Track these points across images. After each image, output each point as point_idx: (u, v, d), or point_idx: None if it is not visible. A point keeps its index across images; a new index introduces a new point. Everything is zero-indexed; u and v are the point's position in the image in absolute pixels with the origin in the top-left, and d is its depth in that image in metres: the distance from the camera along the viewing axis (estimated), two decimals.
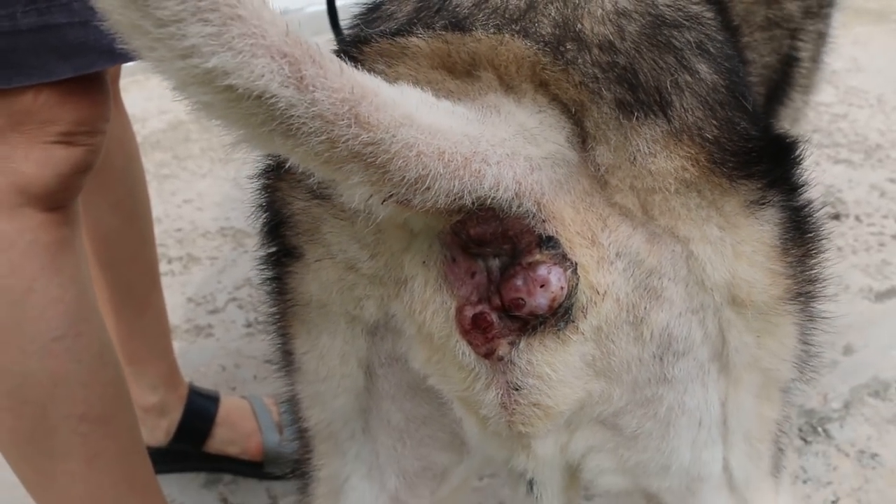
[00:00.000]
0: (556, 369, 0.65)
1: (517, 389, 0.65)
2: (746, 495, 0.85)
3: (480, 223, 0.60)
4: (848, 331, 1.97)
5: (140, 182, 1.53)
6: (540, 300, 0.61)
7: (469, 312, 0.62)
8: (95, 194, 1.36)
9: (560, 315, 0.63)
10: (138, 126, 1.44)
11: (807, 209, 0.74)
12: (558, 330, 0.64)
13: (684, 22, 0.72)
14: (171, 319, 1.66)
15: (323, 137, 0.51)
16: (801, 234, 0.73)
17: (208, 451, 1.66)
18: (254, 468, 1.67)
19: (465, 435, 0.78)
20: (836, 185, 2.54)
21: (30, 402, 1.06)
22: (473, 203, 0.58)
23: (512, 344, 0.63)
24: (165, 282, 1.61)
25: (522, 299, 0.61)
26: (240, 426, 1.67)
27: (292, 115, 0.50)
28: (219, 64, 0.47)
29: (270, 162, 0.74)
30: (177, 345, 1.67)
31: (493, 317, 0.62)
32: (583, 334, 0.65)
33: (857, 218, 2.40)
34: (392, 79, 0.65)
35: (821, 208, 2.14)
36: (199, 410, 1.65)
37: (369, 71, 0.64)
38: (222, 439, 1.65)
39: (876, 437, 1.73)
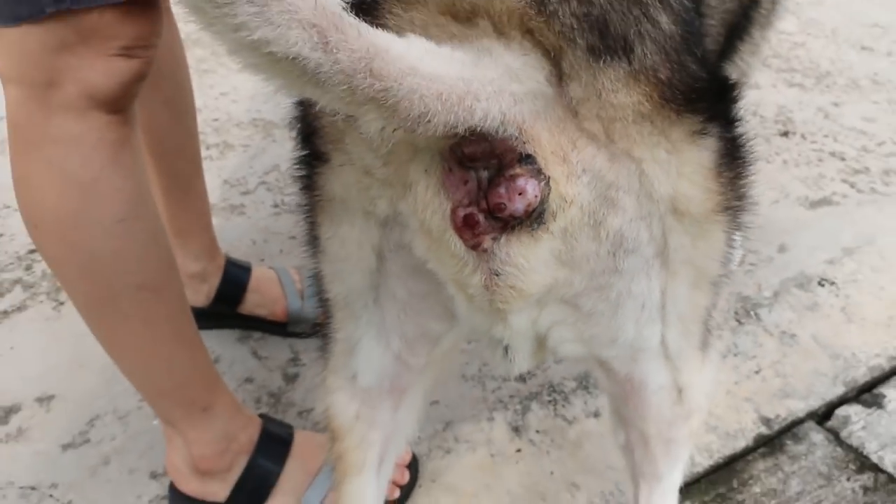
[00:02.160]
0: (528, 260, 0.69)
1: (497, 275, 0.69)
2: (678, 364, 0.90)
3: (472, 143, 0.64)
4: (783, 233, 2.00)
5: (186, 83, 1.53)
6: (518, 205, 0.65)
7: (461, 213, 0.66)
8: (149, 94, 1.36)
9: (534, 218, 0.66)
10: (181, 24, 1.43)
11: (740, 140, 0.76)
12: (532, 230, 0.67)
13: None
14: (209, 199, 1.69)
15: (345, 87, 0.55)
16: (733, 160, 0.75)
17: (241, 313, 1.71)
18: (279, 327, 1.72)
19: (455, 308, 0.82)
20: (787, 105, 2.51)
21: (97, 274, 1.10)
22: (466, 130, 0.62)
23: (494, 239, 0.67)
24: (204, 166, 1.63)
25: (504, 204, 0.65)
26: (268, 292, 1.72)
27: (320, 72, 0.54)
28: (262, 35, 0.51)
29: None
30: (214, 221, 1.70)
31: (480, 217, 0.66)
32: (552, 233, 0.69)
33: (803, 136, 2.38)
34: (407, 21, 0.67)
35: (773, 129, 2.17)
36: (234, 278, 1.69)
37: (388, 13, 0.67)
38: (253, 303, 1.71)
39: (796, 321, 1.80)
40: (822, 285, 1.89)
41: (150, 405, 1.35)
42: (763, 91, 2.53)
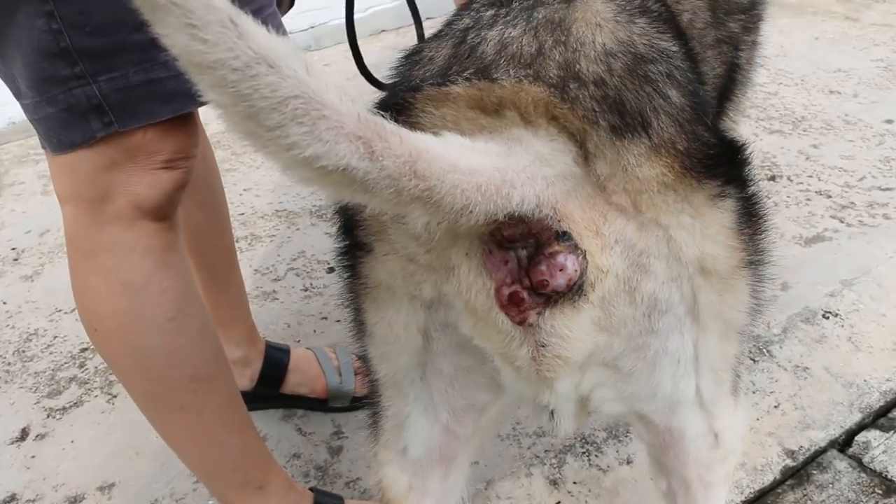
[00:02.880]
0: (572, 330, 0.69)
1: (544, 346, 0.69)
2: (712, 410, 0.89)
3: (511, 226, 0.64)
4: (784, 271, 1.98)
5: (218, 184, 1.55)
6: (560, 281, 0.65)
7: (506, 291, 0.66)
8: (184, 196, 1.37)
9: (575, 290, 0.66)
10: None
11: (755, 198, 0.77)
12: (574, 301, 0.67)
13: (657, 56, 0.75)
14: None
15: (392, 190, 0.56)
16: (751, 217, 0.76)
17: (284, 392, 1.69)
18: (321, 404, 1.71)
19: (501, 379, 0.81)
20: (770, 151, 2.52)
21: (152, 369, 1.11)
22: (505, 216, 0.62)
23: (539, 314, 0.67)
24: None
25: (546, 281, 0.64)
26: (307, 371, 1.70)
27: (368, 179, 0.55)
28: (313, 152, 0.52)
29: None
30: (250, 308, 1.70)
31: (525, 294, 0.66)
32: (592, 303, 0.69)
33: (789, 178, 2.39)
34: (439, 117, 0.68)
35: (761, 175, 2.17)
36: (275, 361, 1.68)
37: (422, 112, 0.68)
38: (294, 382, 1.69)
39: (807, 354, 1.77)
40: (827, 318, 1.87)
41: (208, 487, 1.33)
42: (747, 140, 2.55)
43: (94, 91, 0.95)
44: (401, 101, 0.70)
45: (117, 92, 0.96)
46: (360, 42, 1.18)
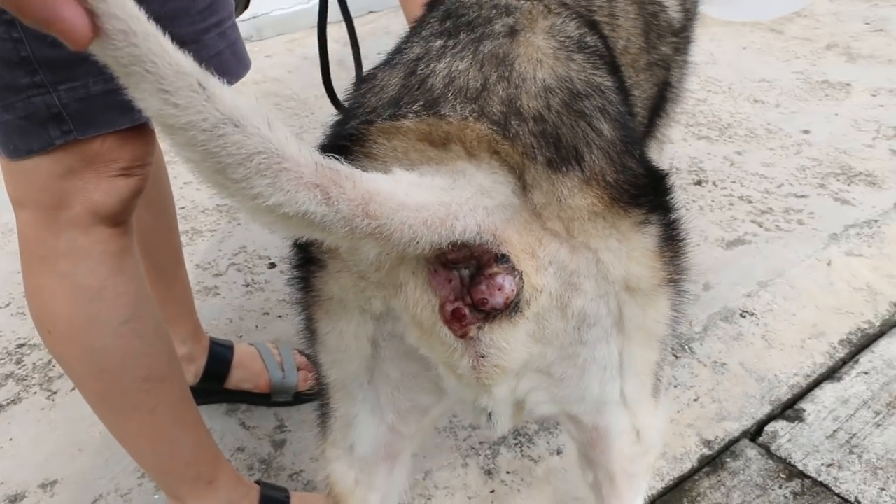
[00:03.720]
0: (509, 342, 0.74)
1: (483, 357, 0.74)
2: (635, 410, 0.96)
3: (455, 251, 0.70)
4: (706, 272, 2.08)
5: (166, 184, 1.56)
6: (498, 299, 0.70)
7: (449, 308, 0.71)
8: None
9: (512, 307, 0.72)
10: None
11: (676, 226, 0.83)
12: (511, 317, 0.73)
13: (592, 92, 0.80)
14: None
15: (346, 229, 0.62)
16: (672, 241, 0.83)
17: (227, 388, 1.72)
18: (264, 398, 1.74)
19: (444, 384, 0.86)
20: (698, 156, 2.62)
21: (107, 370, 1.13)
22: (448, 244, 0.68)
23: (479, 328, 0.73)
24: None
25: (486, 299, 0.70)
26: (251, 367, 1.73)
27: (325, 220, 0.60)
28: (275, 201, 0.58)
29: None
30: None
31: (466, 311, 0.71)
32: (527, 318, 0.74)
33: (714, 183, 2.49)
34: (390, 148, 0.73)
35: (688, 179, 2.26)
36: (219, 357, 1.71)
37: (374, 143, 0.73)
38: (238, 378, 1.72)
39: (725, 350, 1.87)
40: (744, 317, 1.98)
41: (158, 483, 1.35)
42: (676, 145, 2.65)
43: (54, 100, 0.96)
44: (355, 132, 0.75)
45: (77, 101, 0.97)
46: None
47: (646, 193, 0.78)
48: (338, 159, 0.62)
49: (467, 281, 0.72)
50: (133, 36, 0.51)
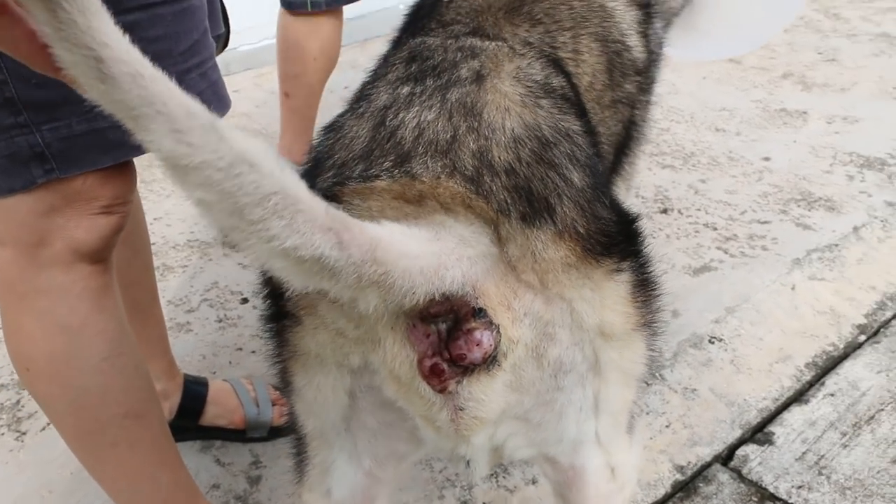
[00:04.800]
0: (487, 394, 0.74)
1: (462, 409, 0.74)
2: (609, 448, 0.95)
3: (437, 304, 0.69)
4: (674, 299, 2.08)
5: (142, 220, 1.54)
6: (476, 354, 0.70)
7: (427, 363, 0.71)
8: None
9: (490, 361, 0.72)
10: None
11: (648, 269, 0.84)
12: (488, 370, 0.72)
13: (561, 139, 0.80)
14: None
15: (355, 276, 0.61)
16: (644, 286, 0.83)
17: (202, 424, 1.69)
18: (239, 434, 1.71)
19: (421, 434, 0.85)
20: (663, 185, 2.64)
21: (86, 408, 1.10)
22: (437, 295, 0.67)
23: (458, 382, 0.72)
24: None
25: (465, 354, 0.70)
26: (225, 403, 1.70)
27: (337, 265, 0.60)
28: (292, 243, 0.56)
29: None
30: None
31: (445, 366, 0.71)
32: (504, 370, 0.74)
33: (679, 211, 2.51)
34: (365, 209, 0.73)
35: (654, 207, 2.27)
36: (194, 393, 1.68)
37: (349, 204, 0.72)
38: (213, 414, 1.69)
39: (695, 376, 1.88)
40: (713, 342, 1.99)
41: None
42: (641, 175, 2.68)
43: (38, 139, 0.95)
44: (329, 193, 0.74)
45: (60, 141, 0.96)
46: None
47: (617, 241, 0.78)
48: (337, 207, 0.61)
49: (444, 335, 0.71)
50: (141, 79, 0.50)
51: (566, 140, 0.81)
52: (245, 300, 2.17)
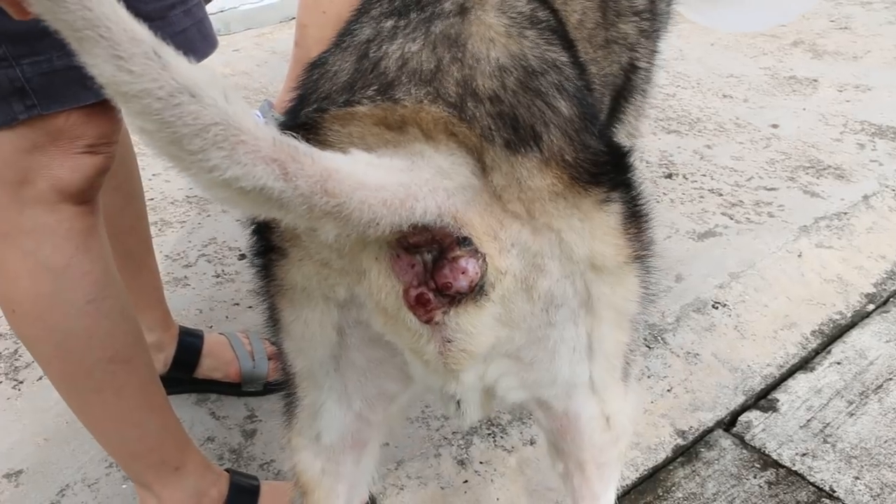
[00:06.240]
0: (475, 326, 0.72)
1: (450, 342, 0.72)
2: (604, 396, 0.93)
3: (416, 234, 0.67)
4: (678, 263, 2.07)
5: (135, 168, 1.52)
6: (462, 283, 0.68)
7: (413, 293, 0.69)
8: None
9: (477, 290, 0.70)
10: None
11: (639, 200, 0.82)
12: (476, 300, 0.70)
13: (547, 69, 0.78)
14: None
15: (305, 206, 0.59)
16: (635, 217, 0.81)
17: (197, 377, 1.68)
18: (234, 388, 1.70)
19: (411, 371, 0.84)
20: (668, 150, 2.61)
21: (71, 350, 1.09)
22: (409, 227, 0.65)
23: (444, 312, 0.70)
24: None
25: (450, 283, 0.68)
26: (221, 356, 1.69)
27: (283, 197, 0.58)
28: (232, 174, 0.55)
29: None
30: None
31: (431, 295, 0.69)
32: (493, 301, 0.72)
33: (684, 176, 2.48)
34: (346, 135, 0.71)
35: (658, 172, 2.25)
36: (188, 345, 1.67)
37: (329, 130, 0.70)
38: (208, 367, 1.68)
39: (697, 341, 1.86)
40: (716, 308, 1.97)
41: (124, 469, 1.31)
42: (646, 139, 2.64)
43: (17, 73, 0.93)
44: (309, 120, 0.72)
45: (41, 76, 0.94)
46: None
47: (606, 171, 0.76)
48: (296, 137, 0.59)
49: (430, 265, 0.69)
50: (88, 0, 0.49)
51: (553, 70, 0.79)
52: (243, 256, 2.15)
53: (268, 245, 0.80)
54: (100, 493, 1.50)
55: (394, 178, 0.65)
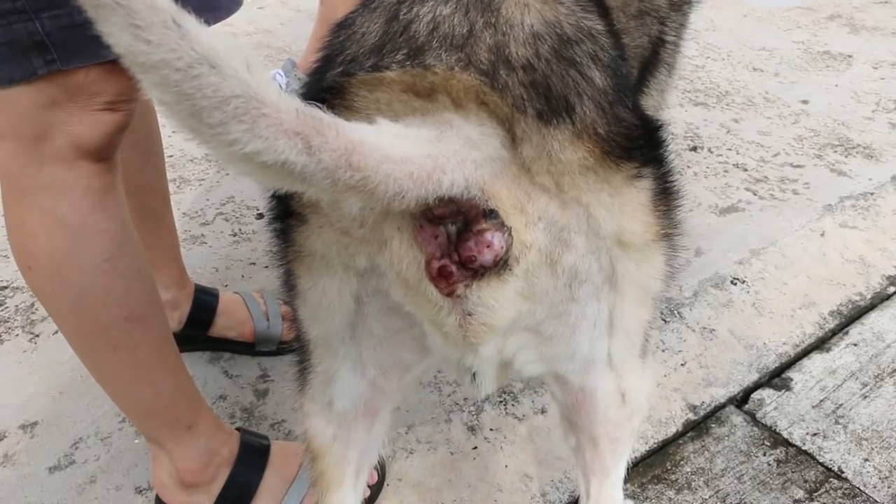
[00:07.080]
0: (497, 300, 0.71)
1: (470, 315, 0.71)
2: (621, 371, 0.93)
3: (442, 206, 0.66)
4: (698, 238, 2.04)
5: (155, 126, 1.51)
6: (487, 257, 0.67)
7: (435, 265, 0.68)
8: None
9: (501, 264, 0.68)
10: None
11: (669, 177, 0.80)
12: (499, 274, 0.69)
13: (582, 37, 0.76)
14: None
15: (328, 181, 0.57)
16: (665, 195, 0.79)
17: (211, 336, 1.68)
18: (247, 347, 1.70)
19: (428, 342, 0.83)
20: (694, 122, 2.57)
21: (87, 308, 1.09)
22: (435, 199, 0.64)
23: (466, 286, 0.69)
24: None
25: (474, 256, 0.66)
26: (235, 315, 1.69)
27: (306, 171, 0.56)
28: (253, 148, 0.53)
29: None
30: None
31: (454, 268, 0.67)
32: (516, 275, 0.71)
33: (709, 150, 2.44)
34: (373, 100, 0.69)
35: (683, 144, 2.21)
36: (203, 304, 1.67)
37: (356, 95, 0.68)
38: (222, 325, 1.68)
39: (714, 317, 1.84)
40: (735, 284, 1.95)
41: (137, 426, 1.32)
42: (672, 110, 2.59)
43: (37, 27, 0.92)
44: (335, 84, 0.70)
45: (60, 30, 0.92)
46: None
47: (638, 146, 0.74)
48: (320, 108, 0.57)
49: (454, 237, 0.68)
50: None
51: (588, 39, 0.77)
52: (260, 215, 2.15)
53: (287, 210, 0.79)
54: (112, 447, 1.52)
55: (421, 149, 0.63)
